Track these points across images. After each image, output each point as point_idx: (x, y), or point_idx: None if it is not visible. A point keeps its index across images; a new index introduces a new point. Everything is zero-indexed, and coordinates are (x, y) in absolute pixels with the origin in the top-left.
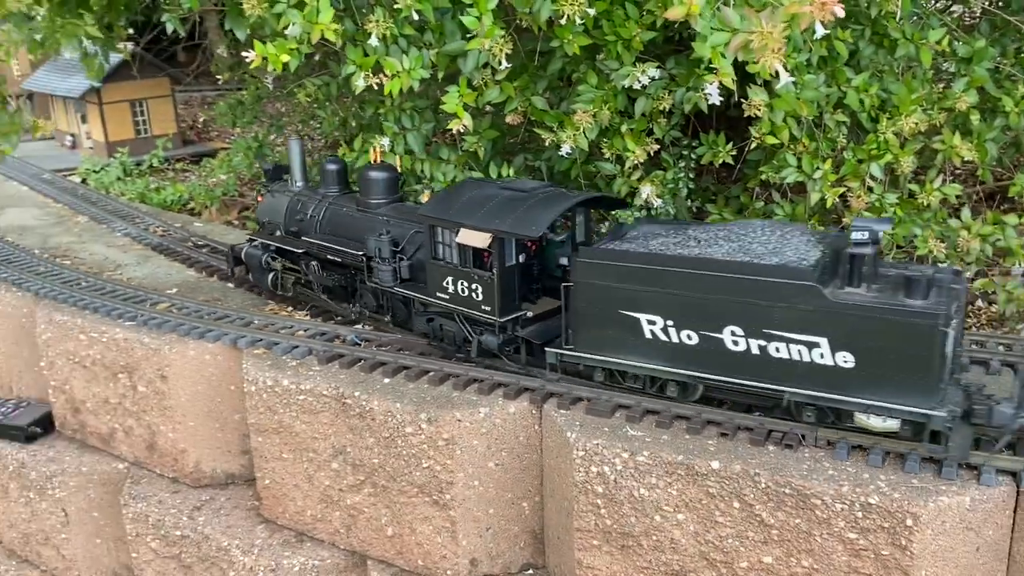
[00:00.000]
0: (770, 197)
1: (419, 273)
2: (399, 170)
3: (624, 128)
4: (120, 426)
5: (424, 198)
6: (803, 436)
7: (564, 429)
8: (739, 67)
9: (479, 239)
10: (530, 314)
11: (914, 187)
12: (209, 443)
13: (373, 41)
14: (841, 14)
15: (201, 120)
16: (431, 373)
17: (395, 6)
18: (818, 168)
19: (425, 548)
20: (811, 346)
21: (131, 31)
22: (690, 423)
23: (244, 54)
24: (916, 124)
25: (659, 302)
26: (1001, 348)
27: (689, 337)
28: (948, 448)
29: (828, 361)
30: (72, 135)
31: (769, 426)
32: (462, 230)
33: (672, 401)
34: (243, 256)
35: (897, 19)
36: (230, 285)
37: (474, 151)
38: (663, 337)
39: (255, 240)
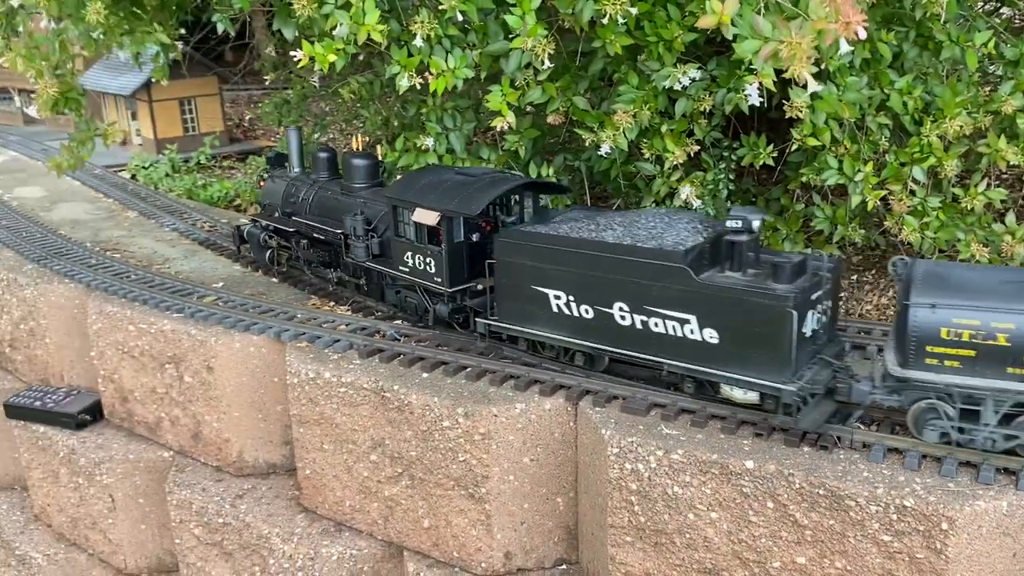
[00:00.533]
0: (810, 199)
1: (387, 249)
2: (380, 158)
3: (664, 129)
4: (166, 415)
5: None
6: (838, 438)
7: (599, 426)
8: (780, 68)
9: (430, 217)
10: (481, 287)
11: (958, 191)
12: (252, 433)
13: (418, 41)
14: (864, 36)
15: (247, 118)
16: (468, 369)
17: (440, 7)
18: (859, 171)
19: (460, 540)
20: (683, 323)
21: (181, 31)
22: (725, 423)
23: (292, 53)
24: (961, 127)
25: (562, 279)
26: (880, 332)
27: (587, 311)
28: (797, 420)
29: (697, 337)
30: (123, 132)
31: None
32: (417, 209)
33: (641, 385)
34: (245, 235)
35: (942, 21)
36: (274, 280)
37: (514, 150)
38: (566, 311)
39: (257, 221)
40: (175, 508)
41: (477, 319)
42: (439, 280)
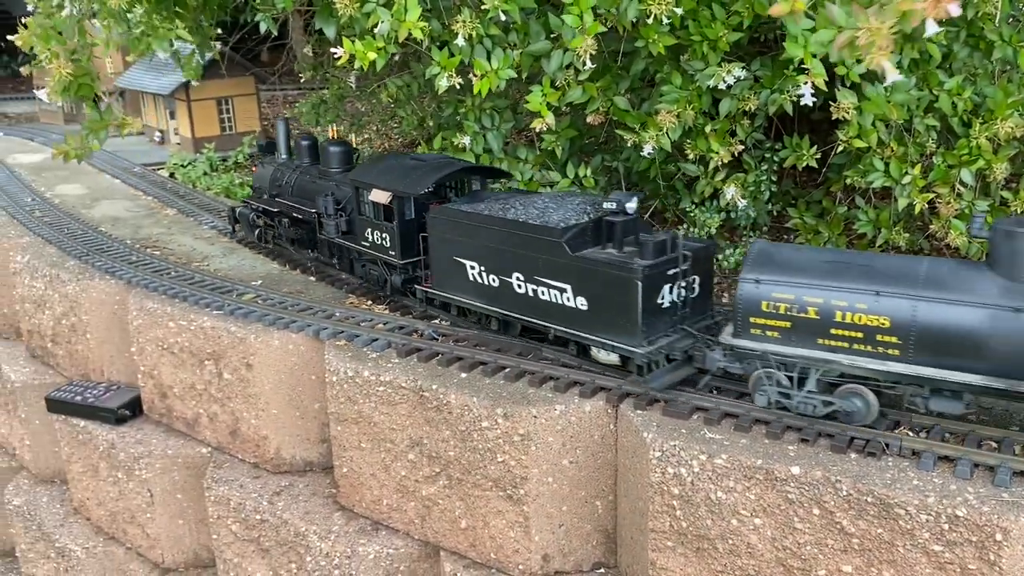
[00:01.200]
0: (853, 202)
1: (353, 227)
2: (353, 145)
3: (708, 129)
4: (205, 411)
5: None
6: (887, 445)
7: (640, 429)
8: (827, 69)
9: (384, 197)
10: None
11: (1007, 194)
12: (290, 430)
13: (460, 41)
14: (957, 12)
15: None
16: (507, 369)
17: (482, 7)
18: (906, 173)
19: (498, 542)
20: (561, 291)
21: (219, 31)
22: (770, 427)
23: (333, 51)
24: (1011, 129)
25: (475, 251)
26: None
27: (494, 280)
28: (647, 380)
29: (572, 304)
30: (161, 131)
31: (851, 433)
32: (373, 190)
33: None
34: (238, 215)
35: (994, 21)
36: (312, 278)
37: (552, 150)
38: (480, 280)
39: (248, 203)
40: (213, 504)
41: (416, 287)
42: (393, 253)
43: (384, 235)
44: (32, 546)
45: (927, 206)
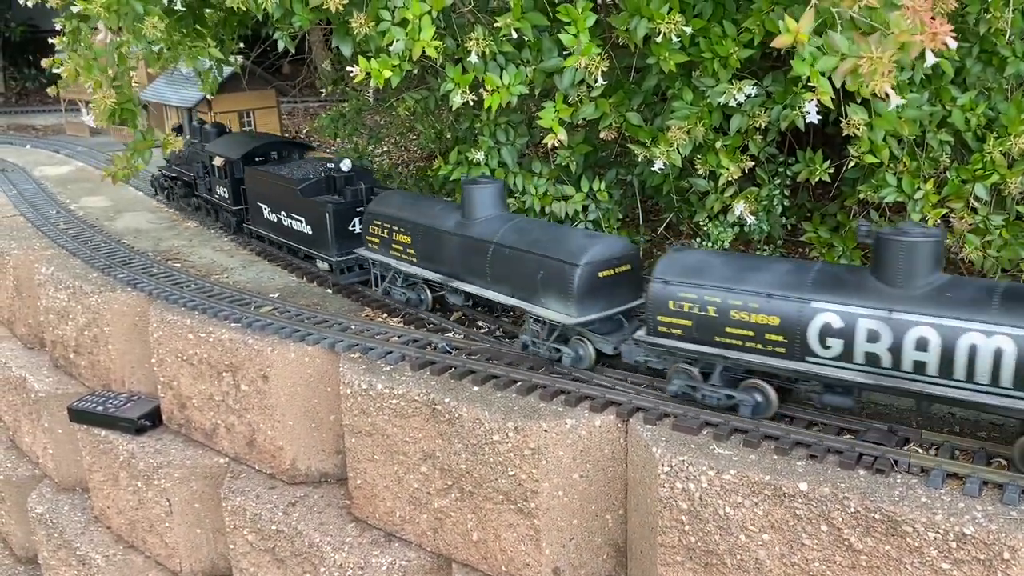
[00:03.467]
0: (868, 216)
1: (211, 185)
2: (226, 125)
3: (719, 145)
4: (223, 422)
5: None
6: (895, 461)
7: (650, 444)
8: (836, 86)
9: (220, 162)
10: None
11: (1022, 208)
12: (305, 442)
13: (473, 58)
14: (954, 45)
15: (304, 131)
16: (519, 383)
17: (495, 24)
18: (919, 188)
19: (509, 555)
20: (299, 221)
21: (241, 45)
22: (778, 443)
23: (348, 69)
24: None
25: (265, 198)
26: None
27: (279, 218)
28: (336, 278)
29: (306, 229)
30: (182, 142)
31: (860, 450)
32: (216, 157)
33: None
34: (152, 180)
35: (1007, 36)
36: (328, 291)
37: (566, 165)
38: (272, 218)
39: (161, 171)
40: (230, 514)
41: (244, 225)
42: (230, 202)
43: (223, 189)
44: (54, 553)
45: (941, 220)
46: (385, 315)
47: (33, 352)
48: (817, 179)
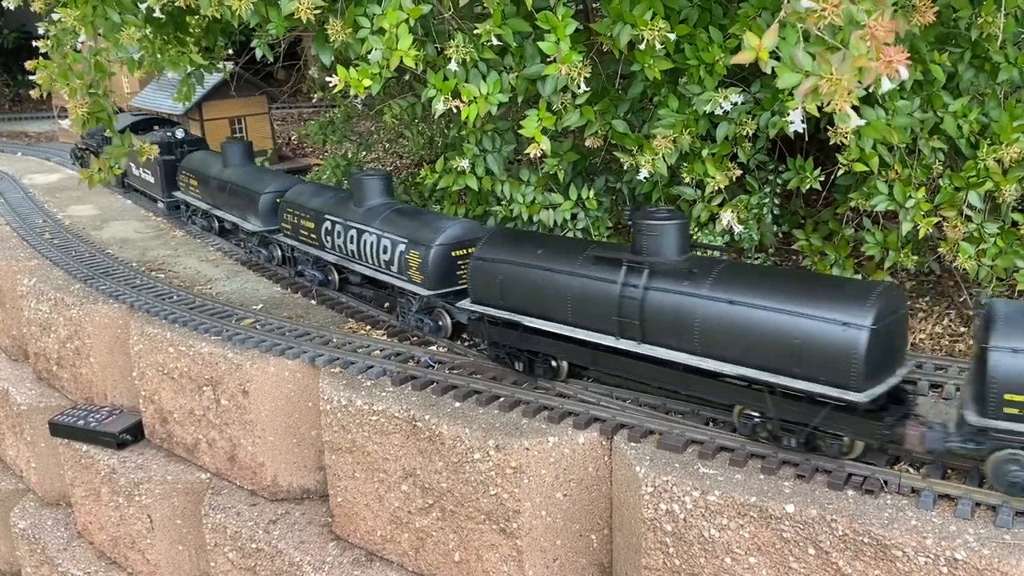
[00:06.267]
0: (861, 223)
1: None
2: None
3: (705, 153)
4: (204, 437)
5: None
6: (885, 482)
7: (633, 463)
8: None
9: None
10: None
11: (1017, 216)
12: (286, 458)
13: (452, 66)
14: (906, 75)
15: (295, 137)
16: (502, 399)
17: (475, 31)
18: (911, 196)
19: None
20: (148, 173)
21: (230, 51)
22: (765, 463)
23: (327, 79)
24: (1020, 151)
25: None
26: None
27: (140, 173)
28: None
29: (151, 179)
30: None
31: (849, 469)
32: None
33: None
34: (71, 152)
35: (999, 42)
36: (312, 302)
37: (554, 173)
38: (136, 173)
39: (76, 144)
40: (210, 532)
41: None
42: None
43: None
44: (37, 569)
45: (935, 228)
46: (368, 327)
47: (17, 364)
48: (808, 187)
